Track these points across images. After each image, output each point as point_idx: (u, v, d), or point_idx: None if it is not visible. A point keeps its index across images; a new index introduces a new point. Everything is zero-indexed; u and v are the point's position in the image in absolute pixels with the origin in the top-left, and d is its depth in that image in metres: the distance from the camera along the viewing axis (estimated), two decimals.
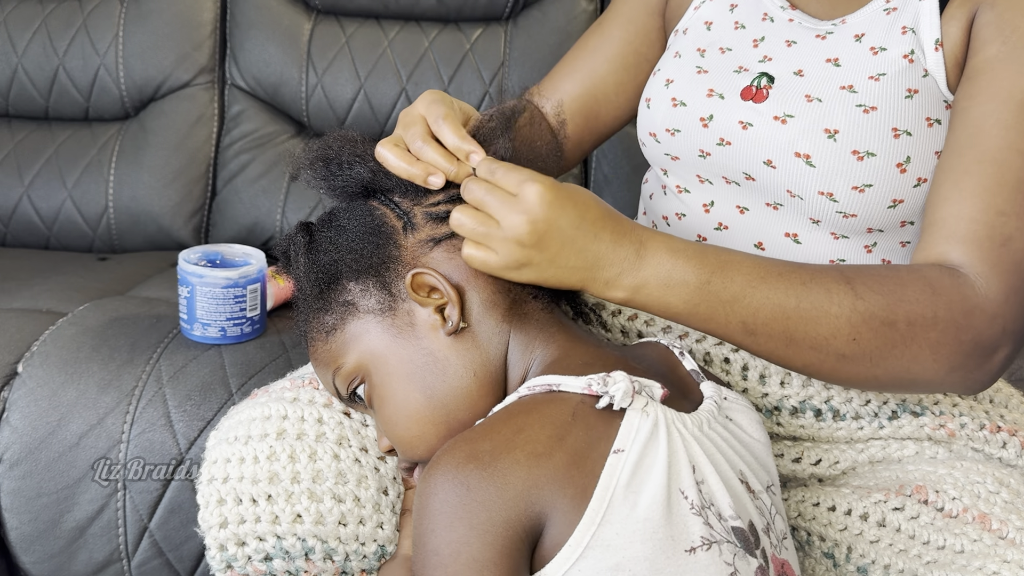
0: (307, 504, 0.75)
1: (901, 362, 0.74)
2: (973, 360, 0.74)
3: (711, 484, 0.66)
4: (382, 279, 0.75)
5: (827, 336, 0.73)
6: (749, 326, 0.74)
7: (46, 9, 1.70)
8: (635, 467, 0.63)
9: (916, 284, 0.74)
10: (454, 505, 0.62)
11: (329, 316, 0.76)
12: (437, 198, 0.77)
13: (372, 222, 0.77)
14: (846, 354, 0.73)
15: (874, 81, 0.83)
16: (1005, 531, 0.73)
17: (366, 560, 0.77)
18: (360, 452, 0.78)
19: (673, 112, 0.92)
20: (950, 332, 0.73)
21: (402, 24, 1.71)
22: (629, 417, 0.65)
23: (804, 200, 0.84)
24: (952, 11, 0.82)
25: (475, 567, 0.61)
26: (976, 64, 0.80)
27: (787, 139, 0.84)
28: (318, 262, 0.77)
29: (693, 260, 0.73)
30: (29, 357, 1.19)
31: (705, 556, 0.63)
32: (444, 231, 0.75)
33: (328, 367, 0.77)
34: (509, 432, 0.64)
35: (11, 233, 1.68)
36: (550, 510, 0.62)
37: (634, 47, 1.05)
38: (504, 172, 0.72)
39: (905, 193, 0.82)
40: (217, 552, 0.77)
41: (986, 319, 0.74)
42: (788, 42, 0.90)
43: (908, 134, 0.81)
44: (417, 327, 0.74)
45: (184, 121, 1.69)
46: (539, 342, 0.74)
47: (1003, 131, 0.76)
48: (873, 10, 0.87)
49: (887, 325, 0.73)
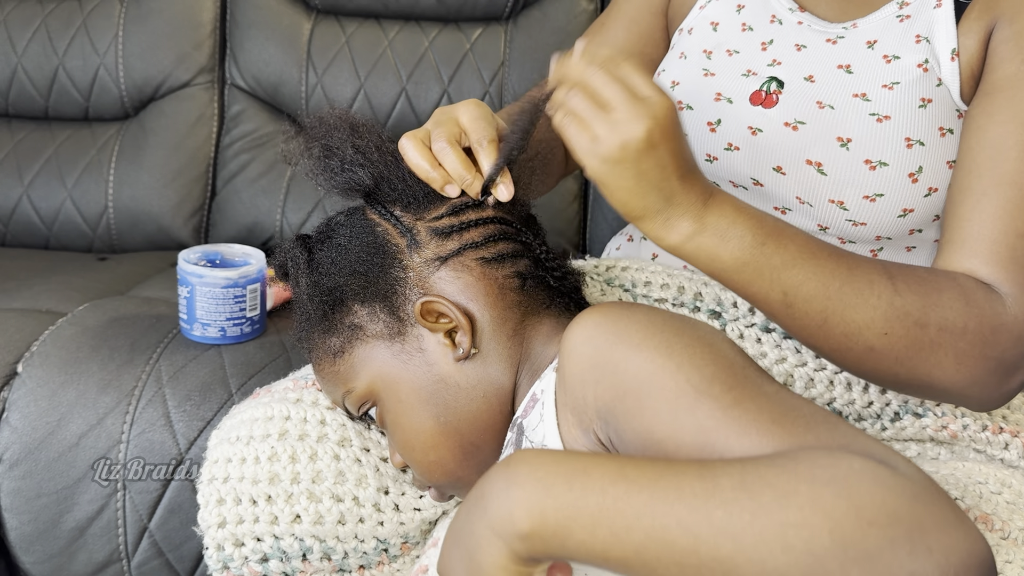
0: (306, 504, 0.75)
1: (925, 365, 0.74)
2: (994, 377, 0.75)
3: None
4: (389, 303, 0.73)
5: (861, 325, 0.73)
6: (789, 298, 0.73)
7: (46, 9, 1.70)
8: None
9: (952, 292, 0.74)
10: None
11: (335, 339, 0.75)
12: (440, 211, 0.75)
13: (375, 240, 0.75)
14: (875, 347, 0.73)
15: (888, 90, 0.82)
16: (1007, 532, 0.73)
17: (365, 556, 0.77)
18: (362, 452, 0.78)
19: (679, 115, 0.92)
20: (977, 345, 0.73)
21: (402, 24, 1.71)
22: None
23: (814, 207, 0.84)
24: (969, 23, 0.81)
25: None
26: (995, 81, 0.79)
27: (798, 146, 0.83)
28: (321, 285, 0.76)
29: (754, 219, 0.72)
30: (29, 357, 1.19)
31: None
32: (450, 248, 0.74)
33: (337, 388, 0.76)
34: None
35: (11, 233, 1.68)
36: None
37: (638, 48, 1.05)
38: (633, 70, 0.69)
39: (916, 203, 0.82)
40: (215, 552, 0.77)
41: (1012, 338, 0.74)
42: (798, 46, 0.89)
43: (921, 144, 0.81)
44: (427, 352, 0.73)
45: (184, 121, 1.68)
46: (554, 344, 0.72)
47: (1022, 152, 0.76)
48: (885, 16, 0.86)
49: (919, 326, 0.73)
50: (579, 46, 0.71)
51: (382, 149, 0.76)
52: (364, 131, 0.77)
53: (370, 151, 0.76)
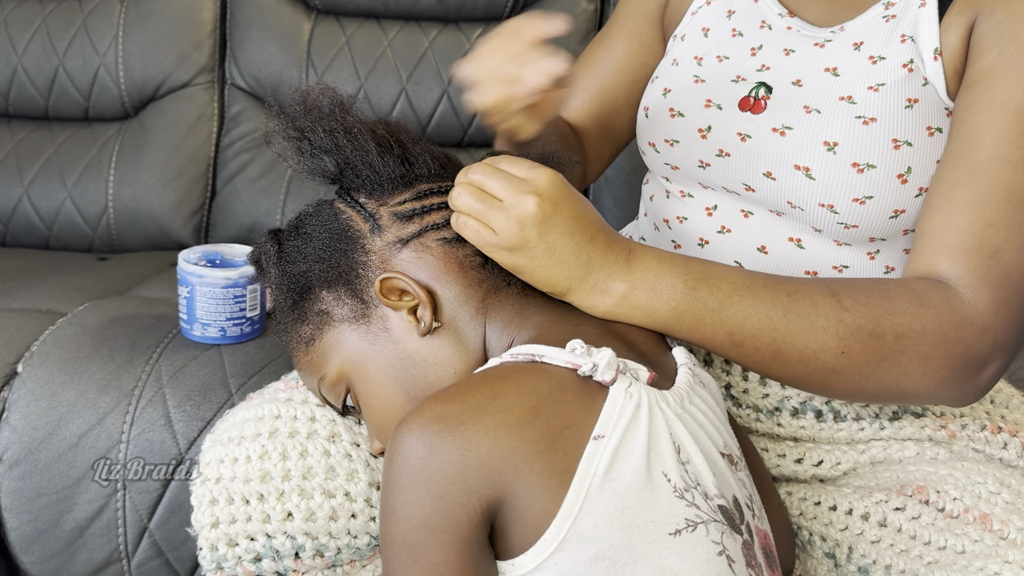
0: (297, 501, 0.75)
1: (890, 375, 0.73)
2: (964, 373, 0.74)
3: (696, 464, 0.65)
4: (352, 287, 0.75)
5: (815, 349, 0.72)
6: (736, 337, 0.73)
7: (46, 9, 1.70)
8: (614, 453, 0.62)
9: (903, 297, 0.73)
10: (413, 465, 0.60)
11: (306, 327, 0.77)
12: (403, 196, 0.76)
13: (338, 227, 0.76)
14: (835, 367, 0.73)
15: (873, 92, 0.82)
16: (1006, 532, 0.73)
17: (359, 552, 0.77)
18: (352, 447, 0.78)
19: (671, 122, 0.92)
20: (940, 345, 0.72)
21: (402, 24, 1.71)
22: (612, 397, 0.63)
23: (805, 211, 0.84)
24: (951, 19, 0.81)
25: (424, 532, 0.60)
26: (973, 73, 0.79)
27: (786, 151, 0.83)
28: (288, 273, 0.77)
29: (680, 267, 0.73)
30: (29, 357, 1.19)
31: (691, 537, 0.62)
32: (411, 231, 0.75)
33: (312, 376, 0.78)
34: (482, 398, 0.62)
35: (11, 233, 1.68)
36: (515, 485, 0.60)
37: (640, 59, 1.05)
38: (510, 160, 0.72)
39: (907, 203, 0.81)
40: (208, 552, 0.77)
41: (976, 332, 0.73)
42: (786, 50, 0.89)
43: (909, 144, 0.81)
44: (392, 331, 0.74)
45: (184, 121, 1.69)
46: (515, 326, 0.73)
47: (996, 142, 0.75)
48: (872, 17, 0.86)
49: (875, 338, 0.72)
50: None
51: (351, 132, 0.76)
52: (339, 112, 0.77)
53: (338, 135, 0.76)
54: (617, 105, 1.06)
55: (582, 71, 1.08)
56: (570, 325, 0.73)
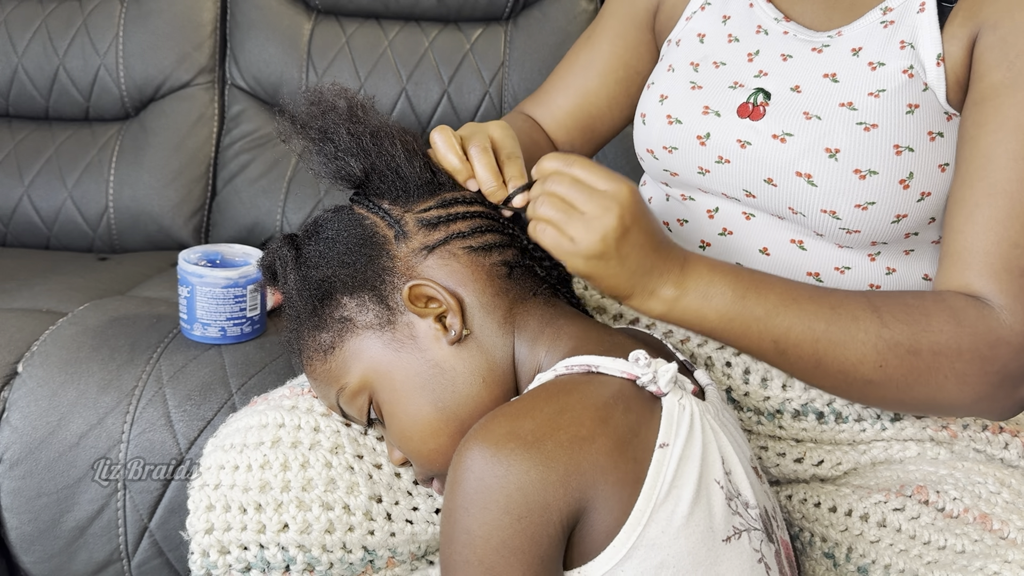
0: (294, 513, 0.74)
1: (927, 390, 0.75)
2: (1001, 391, 0.75)
3: (736, 473, 0.67)
4: (378, 292, 0.74)
5: (855, 362, 0.75)
6: (780, 345, 0.75)
7: (46, 9, 1.70)
8: (679, 462, 0.63)
9: (942, 314, 0.74)
10: (490, 485, 0.59)
11: (326, 334, 0.75)
12: (429, 204, 0.76)
13: (362, 232, 0.75)
14: (873, 380, 0.75)
15: (874, 98, 0.82)
16: (1006, 531, 0.73)
17: (351, 568, 0.76)
18: (354, 459, 0.77)
19: (669, 129, 0.92)
20: (976, 363, 0.74)
21: (402, 24, 1.71)
22: (668, 408, 0.65)
23: (807, 217, 0.84)
24: (953, 29, 0.80)
25: (505, 553, 0.59)
26: (982, 90, 0.79)
27: (787, 158, 0.83)
28: (309, 278, 0.75)
29: (730, 276, 0.76)
30: (29, 357, 1.19)
31: (738, 544, 0.64)
32: (437, 238, 0.74)
33: (330, 387, 0.76)
34: (551, 412, 0.62)
35: (11, 233, 1.68)
36: (592, 497, 0.61)
37: (624, 61, 1.05)
38: (585, 167, 0.73)
39: (909, 208, 0.82)
40: (199, 557, 0.77)
41: (1012, 351, 0.74)
42: (784, 56, 0.88)
43: (910, 150, 0.81)
44: (419, 339, 0.73)
45: (184, 121, 1.69)
46: (547, 336, 0.73)
47: (1012, 161, 0.76)
48: (870, 22, 0.85)
49: (912, 354, 0.74)
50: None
51: (377, 136, 0.76)
52: (361, 114, 0.77)
53: (364, 138, 0.76)
54: (599, 106, 1.06)
55: (567, 70, 1.08)
56: (604, 334, 0.74)
